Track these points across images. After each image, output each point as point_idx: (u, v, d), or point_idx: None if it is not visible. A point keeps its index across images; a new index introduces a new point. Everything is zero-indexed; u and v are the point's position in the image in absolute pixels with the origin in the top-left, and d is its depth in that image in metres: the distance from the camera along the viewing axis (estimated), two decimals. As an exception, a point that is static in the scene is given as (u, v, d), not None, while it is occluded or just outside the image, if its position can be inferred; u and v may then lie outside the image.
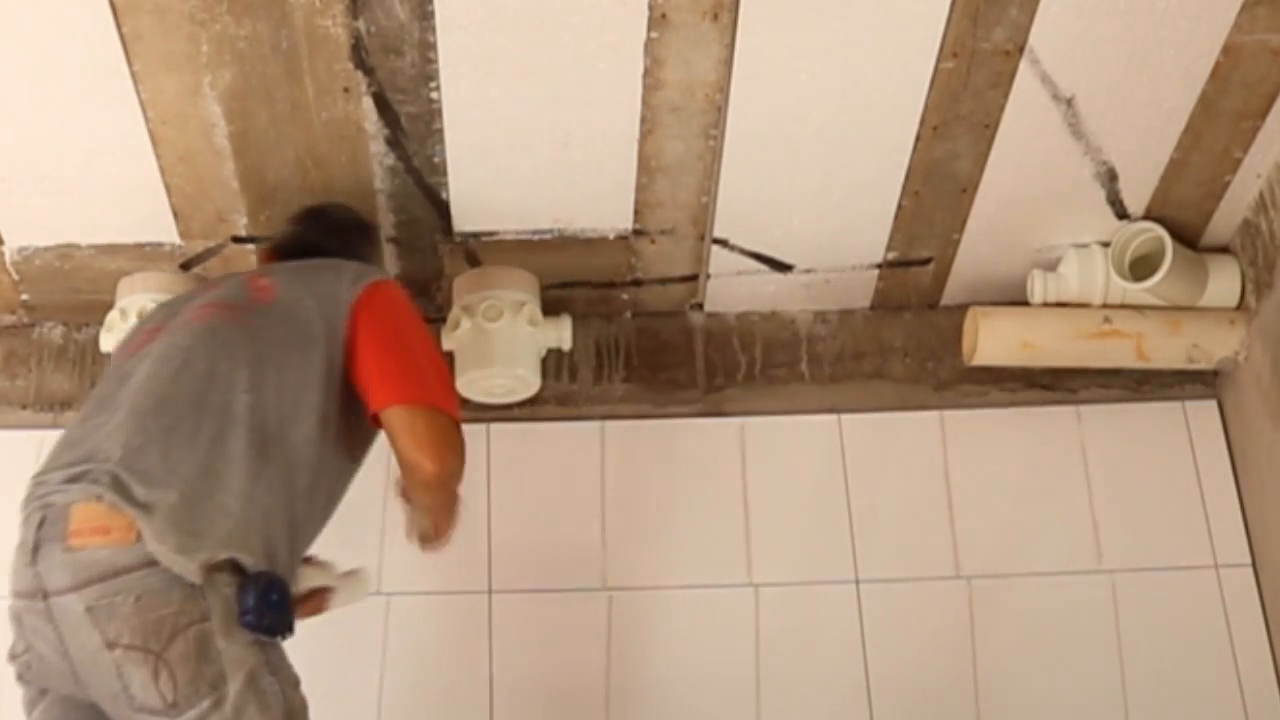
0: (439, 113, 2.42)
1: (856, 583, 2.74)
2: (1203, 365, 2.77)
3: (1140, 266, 2.71)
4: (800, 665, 2.68)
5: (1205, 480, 2.81)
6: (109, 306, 2.72)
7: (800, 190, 2.60)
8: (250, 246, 2.67)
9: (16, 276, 2.74)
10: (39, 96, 2.36)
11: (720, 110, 2.44)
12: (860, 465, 2.82)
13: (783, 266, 2.79)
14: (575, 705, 2.65)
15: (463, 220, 2.64)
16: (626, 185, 2.57)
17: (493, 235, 2.69)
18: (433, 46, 2.30)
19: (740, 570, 2.74)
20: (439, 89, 2.37)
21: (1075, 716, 2.65)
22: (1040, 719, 2.65)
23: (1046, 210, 2.68)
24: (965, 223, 2.69)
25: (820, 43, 2.33)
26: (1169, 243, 2.63)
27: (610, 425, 2.83)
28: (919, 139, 2.51)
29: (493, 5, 2.24)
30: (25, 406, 2.79)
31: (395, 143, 2.48)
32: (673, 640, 2.69)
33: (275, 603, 1.90)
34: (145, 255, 2.68)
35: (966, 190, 2.62)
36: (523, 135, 2.47)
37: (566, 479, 2.79)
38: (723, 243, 2.71)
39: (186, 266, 2.72)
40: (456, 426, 2.14)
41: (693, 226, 2.68)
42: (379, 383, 2.12)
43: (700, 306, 2.89)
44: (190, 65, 2.32)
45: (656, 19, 2.27)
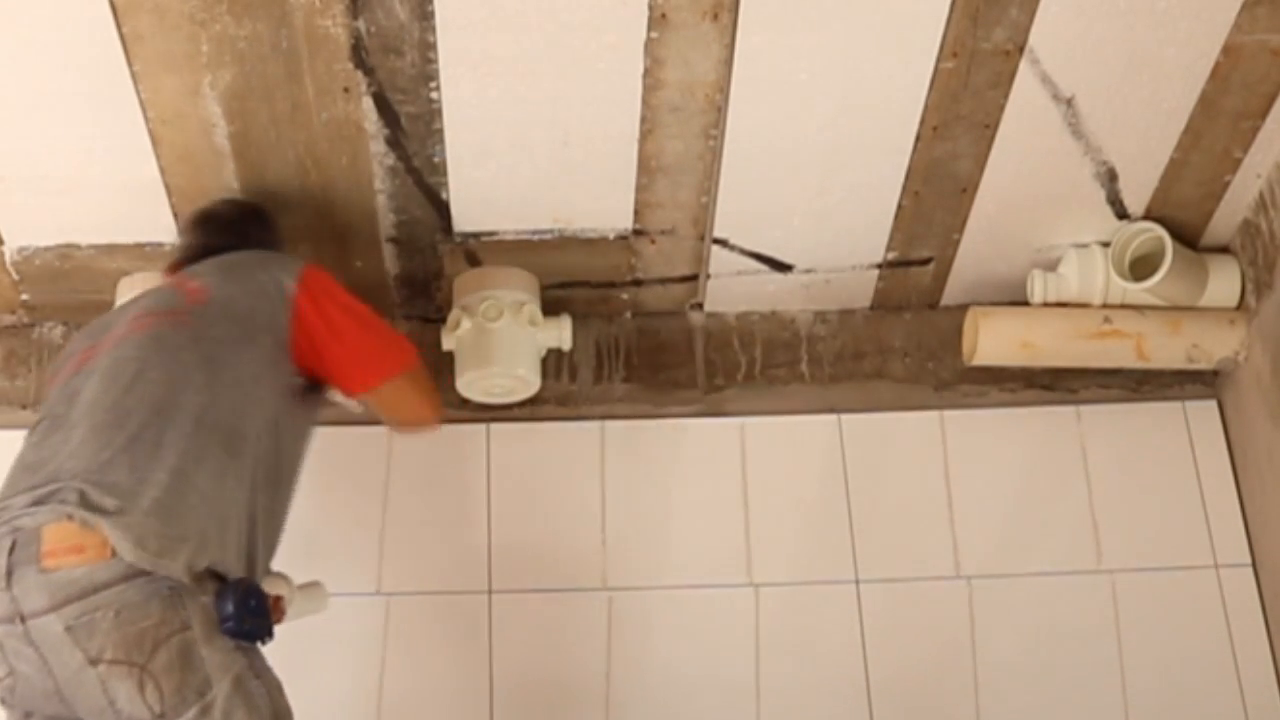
0: (439, 113, 2.42)
1: (856, 583, 2.74)
2: (1203, 365, 2.77)
3: (1140, 266, 2.70)
4: (800, 665, 2.68)
5: (1205, 480, 2.81)
6: (109, 306, 2.71)
7: (800, 190, 2.60)
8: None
9: (16, 276, 2.74)
10: (39, 96, 2.36)
11: (720, 110, 2.44)
12: (860, 465, 2.82)
13: (783, 266, 2.79)
14: (575, 705, 2.65)
15: (463, 220, 2.64)
16: (626, 185, 2.57)
17: (493, 235, 2.68)
18: (433, 46, 2.30)
19: (740, 570, 2.74)
20: (439, 89, 2.37)
21: (1075, 716, 2.65)
22: (1040, 719, 2.65)
23: (1046, 210, 2.68)
24: (965, 223, 2.69)
25: (820, 43, 2.33)
26: (1169, 243, 2.63)
27: (610, 425, 2.83)
28: (919, 139, 2.51)
29: (493, 5, 2.24)
30: (25, 406, 2.78)
31: (395, 143, 2.48)
32: (673, 640, 2.69)
33: (254, 608, 1.93)
34: (145, 255, 2.68)
35: (966, 190, 2.62)
36: (523, 135, 2.46)
37: (566, 479, 2.79)
38: (723, 243, 2.71)
39: (186, 266, 2.72)
40: (421, 367, 2.36)
41: (693, 226, 2.68)
42: (354, 369, 2.27)
43: (700, 306, 2.89)
44: (190, 65, 2.32)
45: (656, 19, 2.27)
